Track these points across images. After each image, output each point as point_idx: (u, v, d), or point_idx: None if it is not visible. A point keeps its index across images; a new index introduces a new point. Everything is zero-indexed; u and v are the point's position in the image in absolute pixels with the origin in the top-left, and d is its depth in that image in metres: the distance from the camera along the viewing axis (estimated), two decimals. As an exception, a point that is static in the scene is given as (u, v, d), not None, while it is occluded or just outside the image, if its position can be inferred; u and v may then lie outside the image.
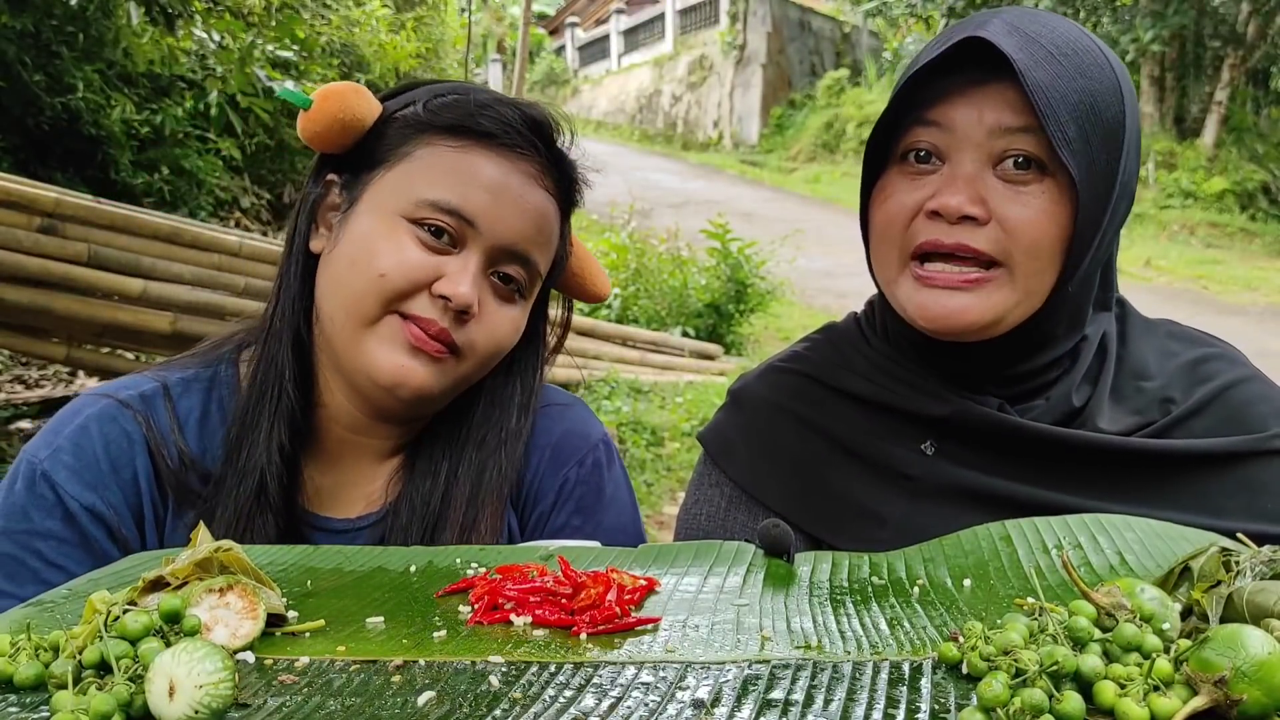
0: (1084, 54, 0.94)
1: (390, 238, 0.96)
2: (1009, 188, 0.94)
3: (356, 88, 1.00)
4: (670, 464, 5.20)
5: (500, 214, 0.98)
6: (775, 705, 0.54)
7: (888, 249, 1.00)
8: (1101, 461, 0.98)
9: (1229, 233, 13.58)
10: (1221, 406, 1.00)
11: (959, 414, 1.01)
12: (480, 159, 0.99)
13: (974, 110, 0.94)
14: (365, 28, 8.22)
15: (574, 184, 1.08)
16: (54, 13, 5.79)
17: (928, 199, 0.96)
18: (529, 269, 1.02)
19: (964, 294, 0.95)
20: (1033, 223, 0.93)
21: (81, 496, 0.95)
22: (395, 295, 0.96)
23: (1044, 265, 0.94)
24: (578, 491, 1.11)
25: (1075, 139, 0.91)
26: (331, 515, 1.05)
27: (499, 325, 1.01)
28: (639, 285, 8.19)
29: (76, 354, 4.11)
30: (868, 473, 1.06)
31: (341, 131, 1.00)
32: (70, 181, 5.68)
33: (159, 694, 0.52)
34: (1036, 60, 0.91)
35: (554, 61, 27.04)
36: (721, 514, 1.13)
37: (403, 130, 1.00)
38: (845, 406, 1.09)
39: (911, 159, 0.98)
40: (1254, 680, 0.49)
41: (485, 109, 1.00)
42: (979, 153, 0.95)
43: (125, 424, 0.99)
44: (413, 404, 1.01)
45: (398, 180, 0.98)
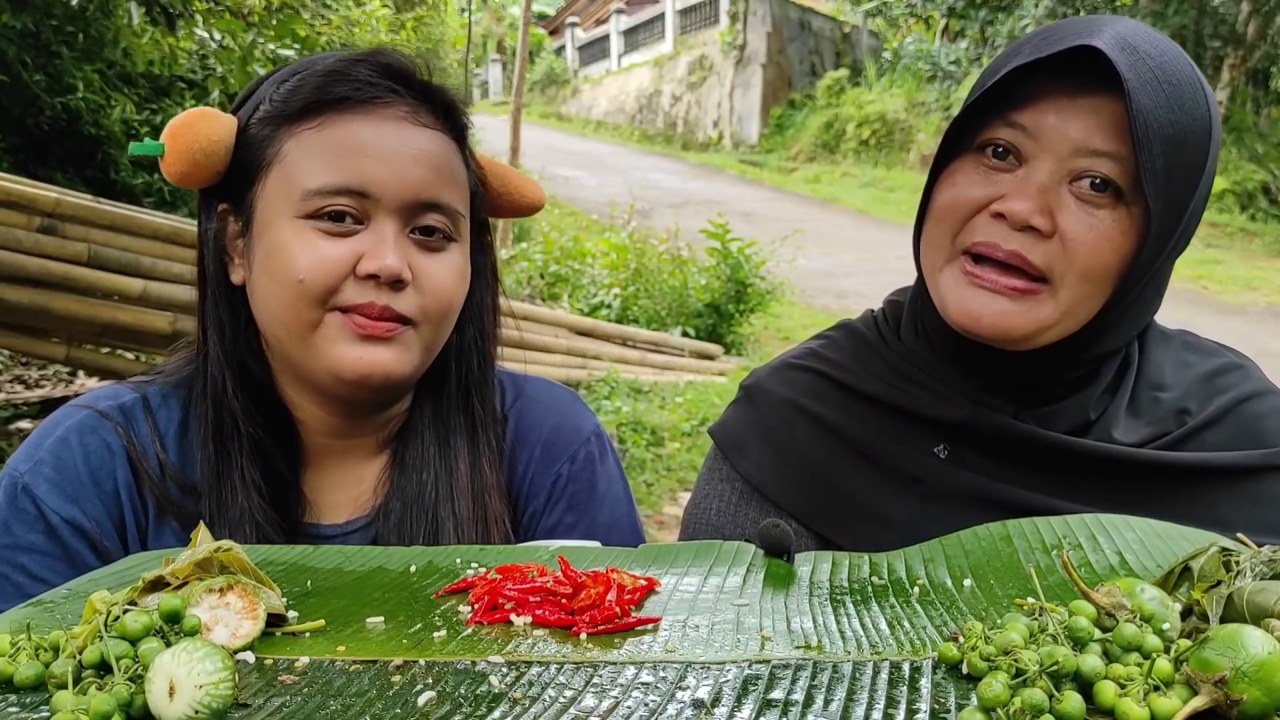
0: (1186, 85, 0.90)
1: (295, 241, 0.92)
2: (1080, 205, 0.91)
3: (203, 112, 0.96)
4: (670, 464, 5.20)
5: (390, 172, 0.93)
6: (775, 705, 0.54)
7: (942, 234, 0.98)
8: (1113, 472, 0.98)
9: (1229, 233, 13.57)
10: (1236, 419, 1.00)
11: (973, 419, 1.01)
12: (346, 127, 0.93)
13: (1064, 122, 0.91)
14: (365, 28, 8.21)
15: (454, 108, 1.00)
16: (54, 13, 5.79)
17: (996, 198, 0.93)
18: (446, 212, 0.96)
19: (1008, 300, 0.93)
20: (1095, 247, 0.91)
21: (62, 509, 0.95)
22: (323, 293, 0.92)
23: (1094, 290, 0.93)
24: (570, 489, 1.09)
25: (1161, 173, 0.88)
26: (319, 522, 1.03)
27: (441, 279, 0.96)
28: (639, 285, 8.19)
29: (76, 354, 4.12)
30: (879, 474, 1.05)
31: (206, 162, 0.95)
32: (70, 181, 5.68)
33: (159, 694, 0.52)
34: (1144, 83, 0.87)
35: (554, 61, 27.04)
36: (732, 509, 1.12)
37: (262, 133, 0.95)
38: (859, 406, 1.09)
39: (989, 152, 0.95)
40: (1254, 680, 0.49)
41: (331, 76, 0.94)
42: (1059, 164, 0.92)
43: (105, 435, 0.98)
44: (389, 389, 0.99)
45: (277, 184, 0.94)
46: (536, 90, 25.81)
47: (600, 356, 6.62)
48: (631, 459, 5.07)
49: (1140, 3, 14.86)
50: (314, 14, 6.99)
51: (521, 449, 1.10)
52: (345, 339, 0.93)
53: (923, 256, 1.02)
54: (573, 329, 6.74)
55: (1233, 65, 14.94)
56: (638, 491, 4.64)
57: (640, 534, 1.15)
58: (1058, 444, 0.98)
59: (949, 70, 17.30)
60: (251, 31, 6.14)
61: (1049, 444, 0.98)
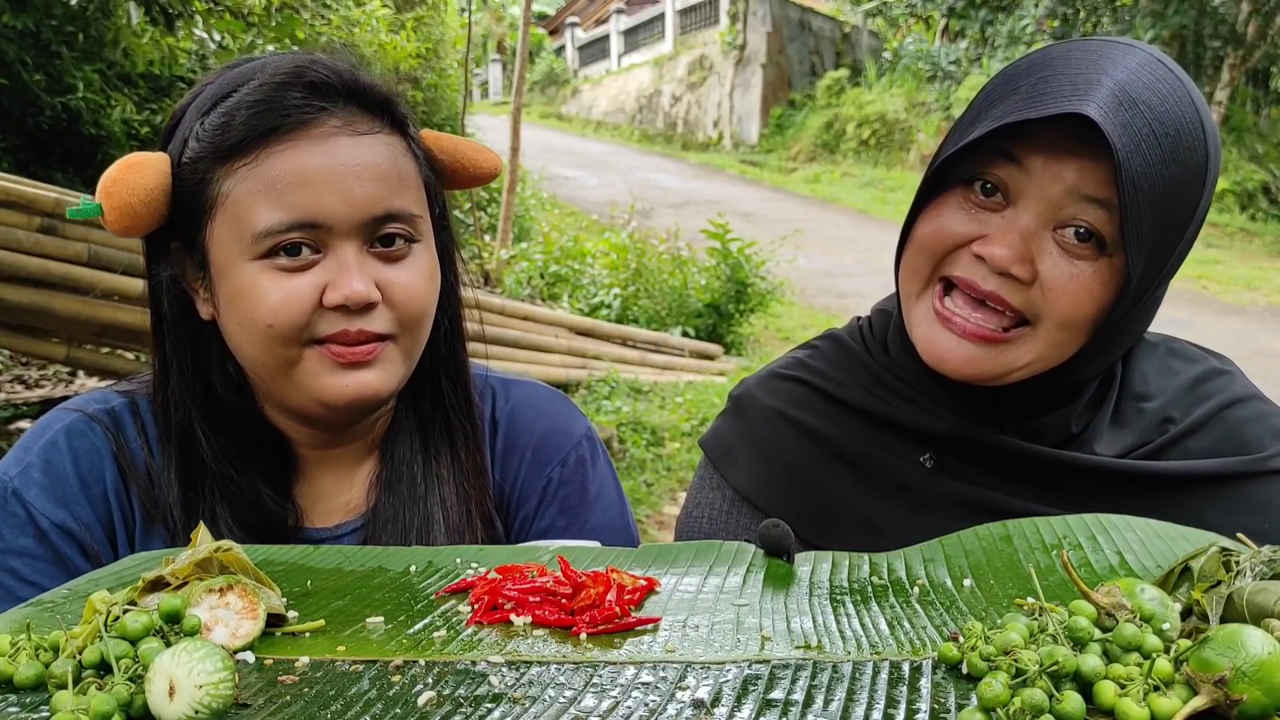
0: (1184, 136, 0.88)
1: (255, 286, 0.89)
2: (1063, 254, 0.91)
3: (130, 163, 0.91)
4: (670, 464, 5.20)
5: (338, 197, 0.89)
6: (775, 705, 0.54)
7: (921, 263, 0.97)
8: (1097, 482, 0.98)
9: (1229, 233, 13.57)
10: (1218, 426, 1.00)
11: (958, 432, 1.01)
12: (284, 157, 0.89)
13: (1059, 166, 0.89)
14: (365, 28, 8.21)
15: (387, 101, 0.95)
16: (54, 13, 5.79)
17: (978, 237, 0.93)
18: (402, 218, 0.93)
19: (979, 347, 0.93)
20: (1075, 297, 0.90)
21: (52, 514, 0.95)
22: (294, 332, 0.90)
23: (1071, 337, 0.93)
24: (561, 492, 1.09)
25: (1147, 232, 0.88)
26: (310, 526, 1.03)
27: (410, 287, 0.94)
28: (639, 285, 8.19)
29: (76, 354, 4.12)
30: (866, 483, 1.06)
31: (146, 212, 0.91)
32: (70, 181, 5.68)
33: (159, 694, 0.52)
34: (1137, 141, 0.86)
35: (554, 61, 27.03)
36: (724, 517, 1.13)
37: (196, 174, 0.91)
38: (845, 416, 1.09)
39: (978, 188, 0.94)
40: (1254, 680, 0.49)
41: (257, 108, 0.90)
42: (1046, 208, 0.90)
43: (94, 439, 0.98)
44: (378, 406, 0.99)
45: (224, 229, 0.91)
46: (536, 90, 25.81)
47: (600, 356, 6.62)
48: (631, 459, 5.07)
49: (1140, 3, 14.86)
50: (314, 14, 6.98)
51: (512, 454, 1.10)
52: (327, 370, 0.92)
53: (901, 282, 1.02)
54: (573, 329, 6.74)
55: (1233, 65, 14.94)
56: (638, 491, 4.64)
57: (634, 536, 1.14)
58: (1041, 456, 0.99)
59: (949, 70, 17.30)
60: (251, 32, 6.14)
61: (1032, 456, 0.99)
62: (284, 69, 0.92)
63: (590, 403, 5.88)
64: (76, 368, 4.90)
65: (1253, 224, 13.87)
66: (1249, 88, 15.82)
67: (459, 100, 9.84)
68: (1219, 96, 15.01)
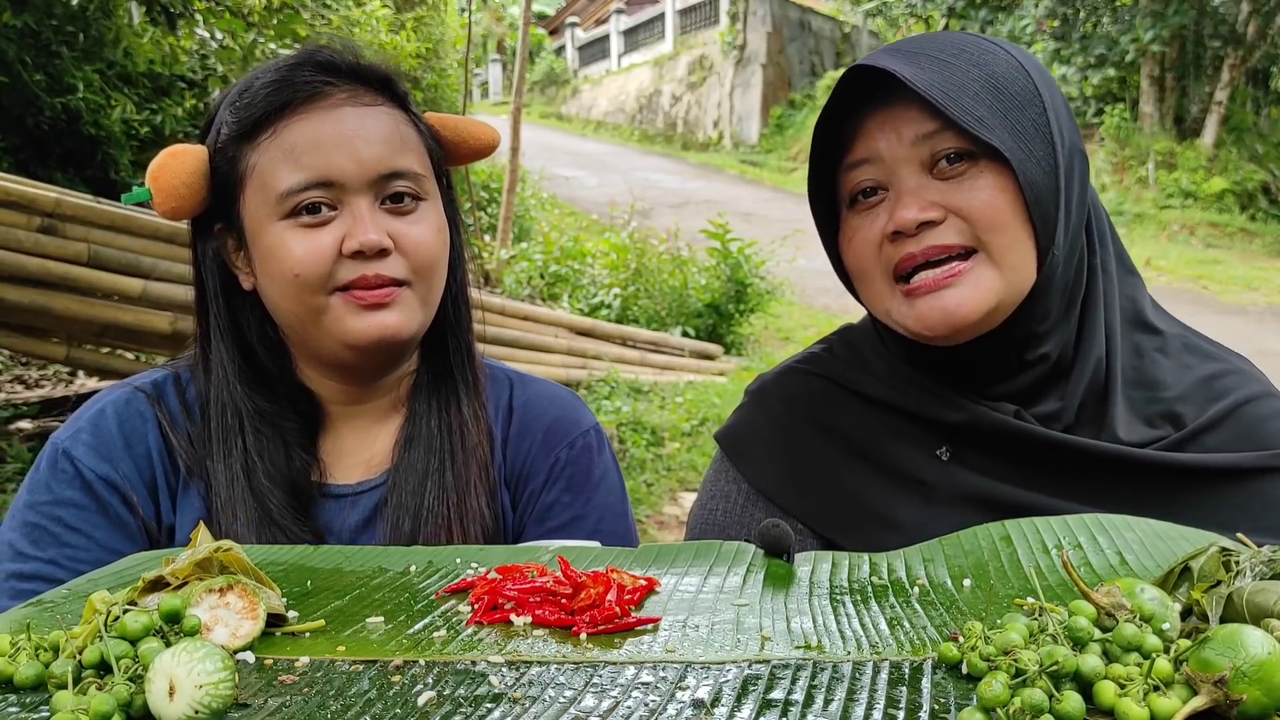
0: (974, 49, 0.98)
1: (283, 242, 1.00)
2: (950, 183, 0.97)
3: (172, 150, 1.04)
4: (670, 464, 5.20)
5: (347, 156, 1.00)
6: (775, 705, 0.54)
7: (871, 284, 1.03)
8: (1115, 471, 0.98)
9: (1229, 233, 13.57)
10: (1235, 422, 1.00)
11: (974, 420, 1.01)
12: (296, 127, 1.01)
13: (891, 130, 0.98)
14: (365, 28, 8.21)
15: (389, 81, 1.08)
16: (54, 12, 5.79)
17: (885, 225, 0.99)
18: (408, 176, 1.04)
19: (953, 289, 0.96)
20: (986, 203, 0.95)
21: (97, 467, 1.04)
22: (319, 280, 1.00)
23: (1015, 238, 0.96)
24: (568, 470, 1.16)
25: (987, 115, 0.94)
26: (333, 482, 1.10)
27: (419, 237, 1.04)
28: (639, 285, 8.19)
29: (76, 354, 4.11)
30: (883, 477, 1.06)
31: (189, 194, 1.04)
32: (70, 181, 5.67)
33: (159, 694, 0.52)
34: (924, 68, 0.95)
35: (554, 61, 27.03)
36: (739, 510, 1.14)
37: (229, 154, 1.04)
38: (861, 410, 1.10)
39: (860, 198, 1.02)
40: (1254, 680, 0.49)
41: (273, 86, 1.02)
42: (912, 166, 0.98)
43: (139, 406, 1.09)
44: (399, 346, 1.07)
45: (254, 195, 1.02)
46: (536, 90, 25.81)
47: (600, 356, 6.62)
48: (631, 459, 5.07)
49: (1140, 3, 14.86)
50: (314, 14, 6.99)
51: (524, 437, 1.17)
52: (352, 313, 1.02)
53: (872, 310, 1.07)
54: (573, 329, 6.74)
55: (1233, 65, 14.94)
56: (638, 491, 4.63)
57: (632, 526, 1.21)
58: (1059, 443, 0.99)
59: (949, 70, 17.25)
60: (252, 31, 6.14)
61: (1050, 443, 0.99)
62: (295, 55, 1.06)
63: (590, 403, 5.88)
64: (76, 368, 4.90)
65: (1253, 224, 13.86)
66: (1249, 88, 15.82)
67: (459, 100, 9.84)
68: (1219, 96, 15.02)
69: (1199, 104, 15.69)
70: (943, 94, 0.93)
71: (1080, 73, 15.63)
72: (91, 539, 1.02)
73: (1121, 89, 16.13)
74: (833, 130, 1.02)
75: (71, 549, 1.01)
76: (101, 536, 1.02)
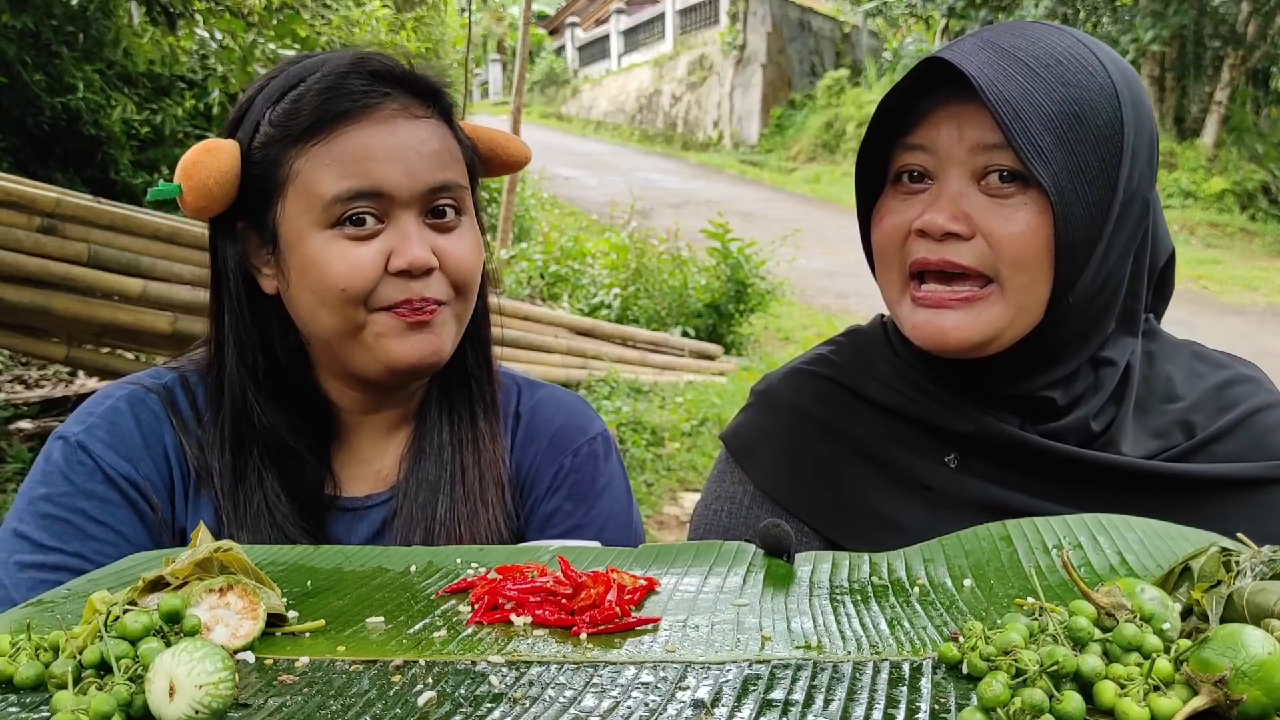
0: (1069, 63, 0.93)
1: (327, 252, 0.98)
2: (993, 202, 0.94)
3: (208, 147, 1.01)
4: (670, 464, 5.20)
5: (399, 169, 0.99)
6: (775, 705, 0.54)
7: (887, 270, 1.02)
8: (1122, 483, 0.98)
9: (1229, 233, 13.56)
10: (1246, 432, 1.00)
11: (982, 431, 1.01)
12: (351, 136, 0.99)
13: (955, 129, 0.95)
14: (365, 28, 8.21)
15: (439, 92, 1.07)
16: (54, 13, 5.79)
17: (917, 217, 0.97)
18: (452, 190, 1.03)
19: (955, 312, 0.95)
20: (1016, 236, 0.93)
21: (118, 465, 1.02)
22: (363, 296, 0.99)
23: (1033, 279, 0.94)
24: (571, 478, 1.15)
25: (1052, 148, 0.90)
26: (342, 495, 1.09)
27: (462, 254, 1.03)
28: (639, 285, 8.18)
29: (76, 354, 4.11)
30: (889, 481, 1.05)
31: (220, 193, 1.01)
32: (70, 181, 5.68)
33: (159, 694, 0.52)
34: (1006, 75, 0.91)
35: (554, 61, 27.03)
36: (743, 511, 1.13)
37: (268, 156, 1.01)
38: (869, 413, 1.09)
39: (905, 179, 1.00)
40: (1254, 680, 0.49)
41: (327, 94, 1.00)
42: (963, 170, 0.95)
43: (153, 405, 1.06)
44: (437, 367, 1.06)
45: (297, 201, 1.00)
46: (536, 90, 25.80)
47: (600, 356, 6.62)
48: (631, 459, 5.06)
49: (1140, 3, 14.86)
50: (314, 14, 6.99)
51: (530, 443, 1.16)
52: (394, 333, 1.00)
53: (884, 295, 1.05)
54: (573, 329, 6.74)
55: (1233, 65, 14.94)
56: (638, 491, 4.64)
57: (638, 532, 1.19)
58: (1066, 455, 0.98)
59: (949, 70, 17.26)
60: (252, 31, 6.13)
61: (1057, 455, 0.98)
62: (347, 60, 1.03)
63: (590, 403, 5.86)
64: (76, 368, 4.89)
65: (1253, 224, 13.86)
66: (1249, 88, 15.81)
67: (459, 100, 9.83)
68: (1219, 96, 15.01)
69: (1199, 104, 15.69)
70: (1012, 112, 0.89)
71: (1080, 73, 15.59)
72: (118, 533, 0.99)
73: (1121, 89, 16.10)
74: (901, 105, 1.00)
75: (99, 542, 0.98)
76: (128, 531, 1.00)
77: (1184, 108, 15.86)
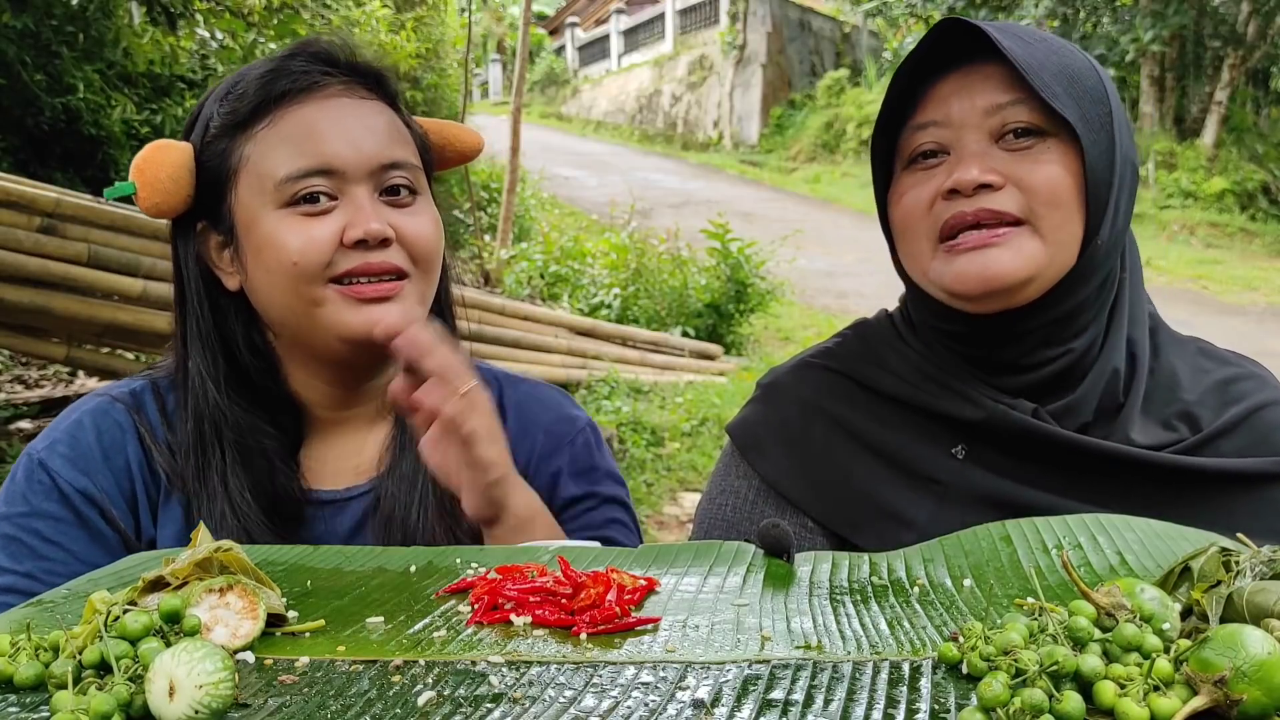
0: (1054, 41, 1.00)
1: (280, 230, 0.98)
2: (1016, 155, 0.97)
3: (158, 144, 1.02)
4: (670, 464, 5.20)
5: (347, 144, 0.99)
6: (775, 705, 0.54)
7: (914, 241, 1.02)
8: (1131, 474, 0.98)
9: (1229, 233, 13.56)
10: (1251, 428, 1.00)
11: (991, 418, 1.01)
12: (296, 115, 1.00)
13: (966, 96, 0.98)
14: (365, 28, 8.21)
15: (383, 78, 1.07)
16: (54, 13, 5.78)
17: (942, 183, 0.98)
18: (405, 168, 1.03)
19: (997, 249, 0.96)
20: (1048, 178, 0.96)
21: (75, 480, 1.02)
22: (319, 269, 0.98)
23: (1066, 216, 0.97)
24: (576, 465, 1.18)
25: (1064, 96, 0.95)
26: (320, 488, 1.08)
27: (420, 228, 1.03)
28: (639, 285, 8.18)
29: (76, 354, 4.11)
30: (897, 474, 1.05)
31: (174, 188, 1.01)
32: (70, 181, 5.67)
33: (159, 694, 0.52)
34: (1012, 40, 0.96)
35: (554, 61, 27.03)
36: (748, 505, 1.12)
37: (219, 147, 1.01)
38: (876, 405, 1.09)
39: (920, 159, 1.01)
40: (1254, 680, 0.49)
41: (269, 75, 1.01)
42: (980, 133, 0.98)
43: (117, 416, 1.06)
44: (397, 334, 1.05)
45: (249, 185, 1.00)
46: (536, 90, 25.79)
47: (600, 356, 6.62)
48: (631, 459, 5.06)
49: (1140, 3, 14.86)
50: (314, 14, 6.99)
51: (524, 438, 1.16)
52: (350, 307, 0.99)
53: (909, 270, 1.06)
54: (573, 329, 6.74)
55: (1233, 65, 14.93)
56: (638, 491, 4.63)
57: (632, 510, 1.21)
58: (1076, 444, 0.98)
59: (949, 70, 17.25)
60: (252, 31, 6.14)
61: (1067, 444, 0.98)
62: (289, 47, 1.05)
63: (590, 403, 5.87)
64: (76, 368, 4.89)
65: (1253, 224, 13.85)
66: (1249, 88, 15.81)
67: (459, 100, 9.83)
68: (1219, 96, 15.01)
69: (1199, 104, 15.69)
70: (1027, 64, 0.94)
71: (1080, 73, 15.60)
72: (69, 552, 0.99)
73: (1121, 89, 16.12)
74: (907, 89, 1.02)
75: (48, 561, 0.98)
76: (79, 549, 1.00)
77: (1184, 108, 15.86)
